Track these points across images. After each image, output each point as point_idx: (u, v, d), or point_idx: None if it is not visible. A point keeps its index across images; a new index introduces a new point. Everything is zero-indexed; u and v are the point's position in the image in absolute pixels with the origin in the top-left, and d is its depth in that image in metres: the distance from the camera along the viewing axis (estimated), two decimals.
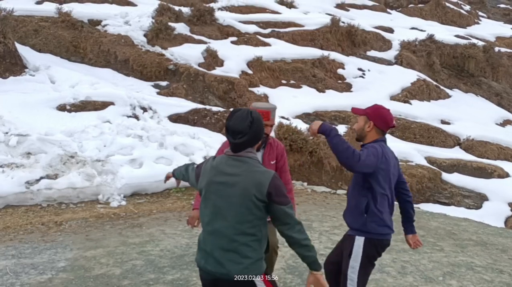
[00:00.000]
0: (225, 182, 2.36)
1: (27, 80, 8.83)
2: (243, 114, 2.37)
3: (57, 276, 4.27)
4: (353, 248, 2.93)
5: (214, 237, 2.37)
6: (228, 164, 2.39)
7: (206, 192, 2.41)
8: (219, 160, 2.46)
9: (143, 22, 11.81)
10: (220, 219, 2.36)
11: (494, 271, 4.79)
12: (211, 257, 2.37)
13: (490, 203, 8.51)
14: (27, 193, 6.27)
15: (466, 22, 20.84)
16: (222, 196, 2.36)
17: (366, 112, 3.05)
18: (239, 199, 2.32)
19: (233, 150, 2.40)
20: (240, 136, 2.34)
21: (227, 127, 2.40)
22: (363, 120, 3.03)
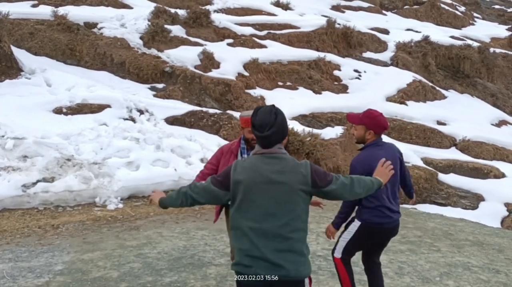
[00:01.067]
0: (269, 181, 2.34)
1: (23, 83, 8.81)
2: (266, 109, 2.46)
3: (54, 279, 4.25)
4: (350, 225, 3.45)
5: (266, 239, 2.31)
6: (265, 163, 2.38)
7: (248, 195, 2.35)
8: (252, 161, 2.43)
9: (139, 25, 11.81)
10: (271, 219, 2.32)
11: (490, 271, 4.81)
12: (263, 261, 2.30)
13: (486, 204, 8.54)
14: (24, 196, 6.25)
15: (461, 23, 20.95)
16: (270, 195, 2.33)
17: (364, 122, 3.32)
18: (288, 195, 2.33)
19: (264, 146, 2.42)
20: (268, 128, 2.37)
21: (253, 123, 2.43)
22: (363, 129, 3.34)
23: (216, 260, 4.78)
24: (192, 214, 6.41)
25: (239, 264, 2.37)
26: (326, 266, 4.74)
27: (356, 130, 3.38)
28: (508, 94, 15.89)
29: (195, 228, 5.78)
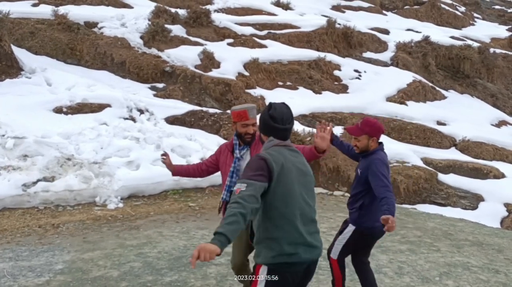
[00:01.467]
0: (301, 171, 2.52)
1: (23, 83, 8.82)
2: (281, 103, 2.66)
3: (55, 278, 4.26)
4: (345, 230, 3.58)
5: (304, 225, 2.44)
6: (291, 155, 2.54)
7: (288, 185, 2.42)
8: (282, 153, 2.50)
9: (140, 24, 11.81)
10: (306, 206, 2.49)
11: (490, 271, 4.82)
12: (305, 246, 2.42)
13: (486, 204, 8.54)
14: (24, 195, 6.26)
15: (461, 23, 20.96)
16: (303, 184, 2.50)
17: (365, 131, 3.46)
18: (312, 184, 2.59)
19: (284, 138, 2.58)
20: (289, 121, 2.60)
21: (274, 116, 2.56)
22: (366, 138, 3.47)
23: (216, 259, 4.76)
24: (192, 214, 6.42)
25: (282, 255, 2.37)
26: (326, 266, 4.74)
27: (359, 141, 3.48)
28: (508, 95, 15.89)
29: (195, 228, 5.79)
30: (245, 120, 3.31)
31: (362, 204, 3.45)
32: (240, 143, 3.41)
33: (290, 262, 2.38)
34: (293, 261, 2.38)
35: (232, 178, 3.39)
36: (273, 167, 2.38)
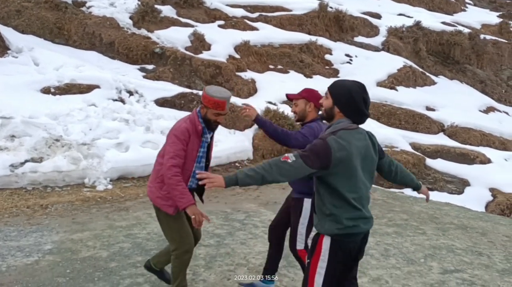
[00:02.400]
0: (363, 155, 2.55)
1: (10, 62, 8.65)
2: None
3: (44, 258, 4.27)
4: (303, 208, 3.44)
5: (361, 204, 2.56)
6: (356, 139, 2.52)
7: (350, 170, 2.48)
8: (347, 137, 2.48)
9: (129, 4, 11.61)
10: (364, 187, 2.58)
11: (473, 254, 4.94)
12: (363, 219, 2.57)
13: (472, 188, 8.68)
14: (12, 176, 6.21)
15: (453, 9, 20.95)
16: (364, 167, 2.56)
17: (302, 96, 3.52)
18: (373, 166, 2.66)
19: (361, 122, 2.59)
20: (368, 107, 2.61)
21: (366, 99, 2.55)
22: (303, 103, 3.51)
23: (205, 241, 4.83)
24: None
25: (345, 228, 2.52)
26: None
27: (297, 106, 3.51)
28: (497, 81, 16.03)
29: None
30: (220, 110, 3.17)
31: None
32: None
33: (352, 233, 2.55)
34: (354, 232, 2.55)
35: (199, 163, 3.26)
36: (335, 156, 2.41)
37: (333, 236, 2.54)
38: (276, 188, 7.28)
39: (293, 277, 4.13)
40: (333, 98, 2.58)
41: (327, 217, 2.54)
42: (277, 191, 7.09)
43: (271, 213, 5.86)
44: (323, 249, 2.55)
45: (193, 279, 3.98)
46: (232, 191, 6.85)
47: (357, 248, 2.62)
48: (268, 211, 5.98)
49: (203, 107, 3.21)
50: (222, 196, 6.55)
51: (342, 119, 2.56)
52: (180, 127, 3.17)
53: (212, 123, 3.22)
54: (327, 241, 2.55)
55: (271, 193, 6.94)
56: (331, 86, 2.64)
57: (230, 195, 6.62)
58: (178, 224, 3.29)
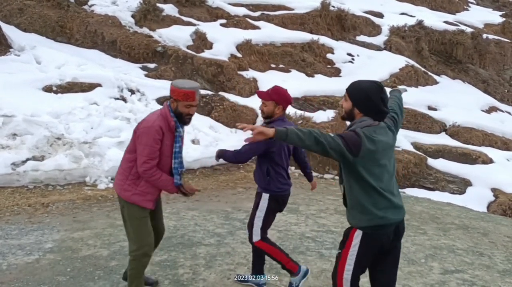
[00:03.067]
0: (388, 147, 2.70)
1: (12, 60, 8.67)
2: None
3: (44, 257, 4.28)
4: (260, 202, 3.64)
5: (389, 192, 2.68)
6: (380, 133, 2.65)
7: (379, 162, 2.63)
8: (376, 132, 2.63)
9: (131, 3, 11.62)
10: (389, 176, 2.71)
11: (474, 254, 4.93)
12: (392, 208, 2.68)
13: (474, 189, 8.67)
14: (13, 174, 6.22)
15: (456, 8, 20.88)
16: (388, 158, 2.70)
17: (273, 98, 3.55)
18: (394, 152, 2.82)
19: (381, 120, 2.70)
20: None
21: (384, 99, 2.65)
22: (272, 105, 3.57)
23: (206, 240, 4.83)
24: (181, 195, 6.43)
25: (375, 218, 2.64)
26: (315, 247, 4.82)
27: (266, 106, 3.58)
28: (499, 81, 15.98)
29: (185, 209, 5.82)
30: (191, 101, 3.13)
31: (268, 170, 3.58)
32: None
33: (382, 224, 2.65)
34: (384, 223, 2.64)
35: (176, 159, 3.24)
36: (364, 147, 2.54)
37: (364, 229, 2.66)
38: None
39: None
40: (352, 100, 2.69)
41: (357, 209, 2.68)
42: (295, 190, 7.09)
43: None
44: (353, 243, 2.69)
45: (193, 278, 3.99)
46: (233, 190, 6.86)
47: (390, 241, 2.71)
48: None
49: (173, 101, 3.17)
50: (223, 195, 6.56)
51: (364, 117, 2.68)
52: (153, 126, 3.11)
53: (184, 116, 3.18)
54: (359, 235, 2.67)
55: None
56: (349, 89, 2.73)
57: (231, 194, 6.62)
58: (143, 223, 3.30)
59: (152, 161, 3.14)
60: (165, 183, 3.21)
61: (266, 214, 3.63)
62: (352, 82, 2.76)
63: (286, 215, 5.79)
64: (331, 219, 5.74)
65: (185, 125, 3.26)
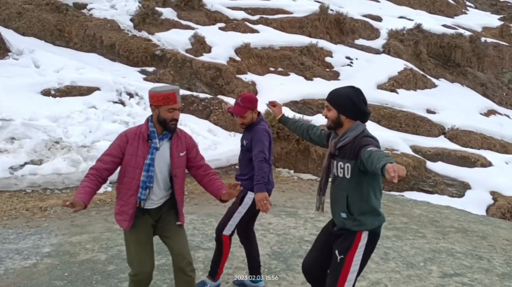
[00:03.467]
0: None
1: (10, 64, 8.68)
2: None
3: (42, 261, 4.26)
4: (245, 199, 3.60)
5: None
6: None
7: None
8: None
9: (130, 6, 11.64)
10: None
11: (473, 257, 4.91)
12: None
13: (473, 192, 8.66)
14: (11, 178, 6.21)
15: (454, 11, 20.95)
16: None
17: (249, 108, 3.56)
18: None
19: (366, 121, 2.80)
20: None
21: (365, 101, 2.76)
22: (250, 113, 3.59)
23: (204, 244, 4.81)
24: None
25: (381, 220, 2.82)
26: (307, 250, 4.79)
27: (245, 118, 3.58)
28: (498, 84, 16.00)
29: (184, 212, 5.79)
30: (173, 104, 2.89)
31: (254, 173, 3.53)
32: (159, 130, 2.96)
33: (382, 224, 2.83)
34: (383, 222, 2.84)
35: (148, 172, 2.88)
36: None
37: (371, 230, 2.75)
38: (275, 191, 7.26)
39: (292, 281, 4.11)
40: (336, 108, 2.74)
41: (368, 213, 2.73)
42: (276, 193, 7.08)
43: (270, 216, 5.85)
44: (360, 245, 2.75)
45: None
46: None
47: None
48: (268, 214, 5.95)
49: (154, 109, 2.95)
50: None
51: (356, 122, 2.74)
52: (120, 133, 3.01)
53: (168, 122, 2.91)
54: (365, 236, 2.75)
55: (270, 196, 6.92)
56: (330, 98, 2.78)
57: None
58: (134, 248, 3.02)
59: (99, 162, 2.92)
60: (78, 190, 2.85)
61: (247, 213, 3.64)
62: (330, 92, 2.80)
63: (285, 219, 5.78)
64: None
65: (170, 134, 2.98)
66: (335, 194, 2.86)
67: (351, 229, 2.76)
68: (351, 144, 2.68)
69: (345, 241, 2.77)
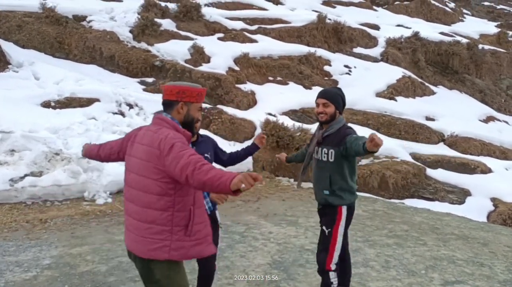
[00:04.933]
0: None
1: (10, 77, 8.72)
2: None
3: (42, 273, 4.25)
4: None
5: None
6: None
7: None
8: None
9: (129, 18, 11.73)
10: None
11: (475, 264, 4.90)
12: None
13: (473, 198, 8.64)
14: (11, 190, 6.21)
15: (451, 19, 21.11)
16: None
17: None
18: None
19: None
20: None
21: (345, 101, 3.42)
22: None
23: None
24: None
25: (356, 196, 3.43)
26: (314, 260, 4.78)
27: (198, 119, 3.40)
28: (496, 91, 16.07)
29: None
30: (202, 102, 2.55)
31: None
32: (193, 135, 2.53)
33: (355, 200, 3.41)
34: (356, 199, 3.42)
35: None
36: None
37: (349, 205, 3.31)
38: (275, 199, 7.27)
39: None
40: (335, 104, 3.29)
41: (347, 191, 3.28)
42: (277, 202, 7.08)
43: (271, 225, 5.85)
44: (342, 217, 3.28)
45: None
46: (232, 203, 6.84)
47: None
48: (268, 223, 5.96)
49: (181, 107, 2.43)
50: (222, 208, 6.52)
51: (340, 116, 3.34)
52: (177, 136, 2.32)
53: (194, 124, 2.52)
54: (345, 210, 3.29)
55: (271, 204, 6.93)
56: (329, 96, 3.31)
57: (230, 207, 6.60)
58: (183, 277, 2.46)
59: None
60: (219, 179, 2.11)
61: None
62: (324, 91, 3.38)
63: (285, 228, 5.77)
64: None
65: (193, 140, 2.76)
66: (318, 175, 3.38)
67: (333, 203, 3.28)
68: (336, 133, 3.25)
69: (329, 216, 3.30)
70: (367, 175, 8.52)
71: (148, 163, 2.33)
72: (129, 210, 2.49)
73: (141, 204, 2.39)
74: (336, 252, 3.29)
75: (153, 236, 2.32)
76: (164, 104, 2.49)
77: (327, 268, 3.29)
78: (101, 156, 2.94)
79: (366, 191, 8.35)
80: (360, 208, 6.96)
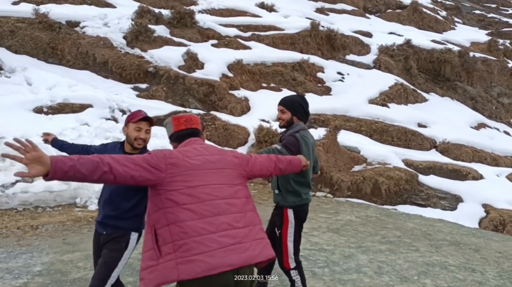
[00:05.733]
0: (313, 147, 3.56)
1: (3, 82, 8.67)
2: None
3: (33, 280, 4.20)
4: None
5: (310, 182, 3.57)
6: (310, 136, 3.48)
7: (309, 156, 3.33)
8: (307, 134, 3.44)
9: (123, 24, 11.73)
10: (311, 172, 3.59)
11: (467, 270, 4.92)
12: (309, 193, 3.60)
13: (465, 205, 8.71)
14: (2, 196, 6.16)
15: (442, 27, 21.34)
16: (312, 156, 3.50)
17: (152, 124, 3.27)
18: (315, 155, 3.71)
19: (307, 121, 3.58)
20: None
21: (308, 104, 3.53)
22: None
23: None
24: None
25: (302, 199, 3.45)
26: (307, 266, 4.78)
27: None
28: (487, 98, 16.23)
29: None
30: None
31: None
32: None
33: (305, 203, 3.46)
34: (307, 202, 3.48)
35: None
36: (301, 147, 3.30)
37: (295, 207, 3.39)
38: (269, 206, 7.26)
39: None
40: (291, 110, 3.46)
41: (290, 193, 3.38)
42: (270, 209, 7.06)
43: None
44: (289, 219, 3.38)
45: None
46: None
47: (306, 214, 3.53)
48: None
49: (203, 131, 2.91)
50: None
51: (298, 122, 3.46)
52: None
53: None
54: (291, 212, 3.39)
55: (264, 211, 6.91)
56: (285, 103, 3.47)
57: None
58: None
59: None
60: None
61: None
62: (282, 99, 3.52)
63: None
64: (323, 237, 5.73)
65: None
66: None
67: (279, 204, 3.43)
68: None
69: (278, 218, 3.44)
70: (360, 181, 8.55)
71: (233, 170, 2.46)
72: (219, 226, 2.23)
73: (235, 210, 2.35)
74: (289, 251, 3.42)
75: (262, 234, 2.40)
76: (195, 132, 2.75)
77: (286, 267, 3.42)
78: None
79: (359, 197, 8.38)
80: (353, 214, 6.98)
